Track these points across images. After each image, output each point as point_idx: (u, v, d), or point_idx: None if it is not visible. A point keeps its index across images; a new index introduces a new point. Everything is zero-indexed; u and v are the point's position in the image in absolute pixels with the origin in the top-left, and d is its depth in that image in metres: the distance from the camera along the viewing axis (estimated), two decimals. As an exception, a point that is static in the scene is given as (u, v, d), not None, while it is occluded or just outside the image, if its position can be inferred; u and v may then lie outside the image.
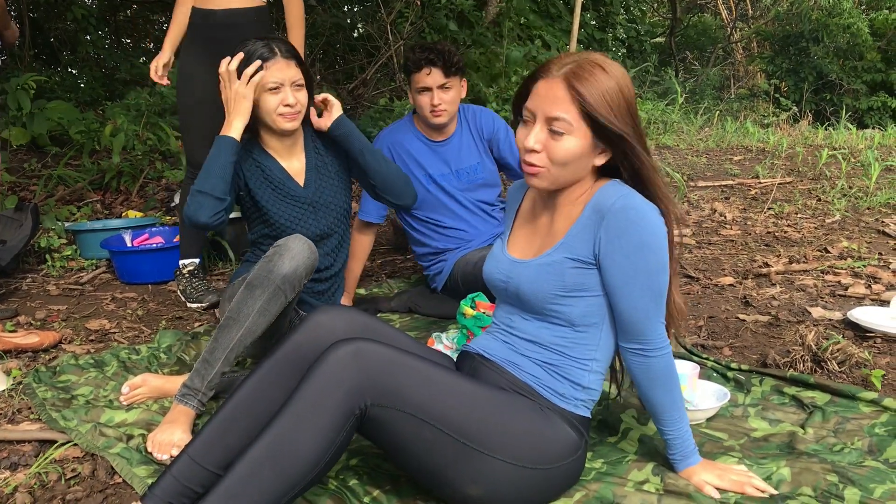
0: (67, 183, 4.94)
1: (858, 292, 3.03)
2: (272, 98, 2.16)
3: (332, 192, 2.34)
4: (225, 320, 1.95)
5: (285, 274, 1.94)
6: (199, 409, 1.93)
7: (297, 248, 1.97)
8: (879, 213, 4.58)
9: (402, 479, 1.67)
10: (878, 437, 1.80)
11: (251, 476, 1.30)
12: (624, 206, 1.45)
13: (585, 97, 1.43)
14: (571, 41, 5.56)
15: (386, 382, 1.37)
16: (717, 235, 4.17)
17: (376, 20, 7.85)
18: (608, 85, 1.44)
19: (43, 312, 2.99)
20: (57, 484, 1.71)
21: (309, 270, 2.00)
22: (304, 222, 2.30)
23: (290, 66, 2.17)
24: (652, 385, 1.54)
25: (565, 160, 1.48)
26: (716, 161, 6.39)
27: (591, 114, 1.43)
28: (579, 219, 1.52)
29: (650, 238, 1.46)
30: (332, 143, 2.34)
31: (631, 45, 11.55)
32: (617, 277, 1.48)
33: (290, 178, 2.29)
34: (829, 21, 11.65)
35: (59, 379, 2.29)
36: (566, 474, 1.52)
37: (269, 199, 2.26)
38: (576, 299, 1.52)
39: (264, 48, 2.16)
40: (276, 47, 2.17)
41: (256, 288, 1.93)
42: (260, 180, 2.26)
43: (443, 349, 2.43)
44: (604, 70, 1.46)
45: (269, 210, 2.26)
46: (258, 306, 1.92)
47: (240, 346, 1.93)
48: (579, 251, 1.50)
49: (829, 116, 10.18)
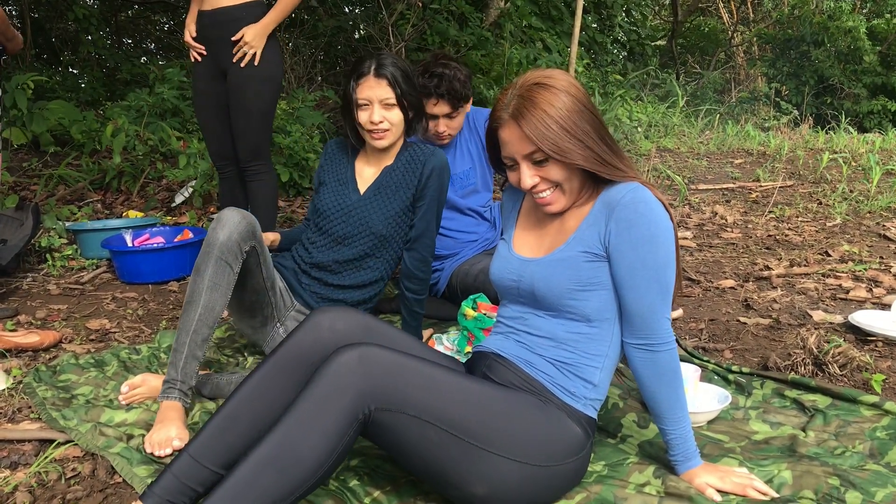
0: (68, 183, 4.94)
1: (859, 296, 3.03)
2: (361, 114, 2.27)
3: (377, 214, 2.34)
4: (183, 306, 1.99)
5: (221, 242, 1.99)
6: (183, 401, 1.94)
7: (227, 216, 2.02)
8: (880, 216, 4.58)
9: (402, 479, 1.66)
10: (880, 440, 1.80)
11: (254, 478, 1.30)
12: (633, 199, 1.48)
13: (532, 137, 1.48)
14: (572, 43, 5.56)
15: (390, 386, 1.36)
16: (718, 238, 4.17)
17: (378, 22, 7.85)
18: (555, 105, 1.48)
19: (43, 312, 2.99)
20: (57, 483, 1.71)
21: (244, 235, 2.03)
22: (337, 220, 2.36)
23: (379, 85, 2.23)
24: (657, 381, 1.54)
25: (565, 177, 1.53)
26: (717, 164, 6.40)
27: (542, 148, 1.48)
28: (591, 212, 1.54)
29: (658, 231, 1.48)
30: (412, 182, 2.36)
31: (632, 49, 11.55)
32: (624, 269, 1.50)
33: (353, 179, 2.40)
34: (829, 25, 11.67)
35: (59, 378, 2.28)
36: (571, 473, 1.52)
37: (327, 185, 2.43)
38: (591, 293, 1.53)
39: (362, 64, 2.25)
40: (371, 63, 2.24)
41: (201, 265, 1.99)
42: (335, 167, 2.45)
43: (443, 351, 2.43)
44: (546, 87, 1.50)
45: (321, 192, 2.43)
46: (206, 282, 1.97)
47: (202, 325, 1.96)
48: (591, 244, 1.52)
49: (830, 120, 10.18)
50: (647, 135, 7.38)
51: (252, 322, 2.27)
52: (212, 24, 2.99)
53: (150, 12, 10.25)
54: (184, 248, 3.50)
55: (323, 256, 2.37)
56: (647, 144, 6.88)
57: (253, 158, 3.08)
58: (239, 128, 3.04)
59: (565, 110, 1.49)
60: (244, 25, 2.94)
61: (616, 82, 8.80)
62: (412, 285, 2.39)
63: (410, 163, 2.35)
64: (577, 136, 1.49)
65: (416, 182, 2.33)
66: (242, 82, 2.97)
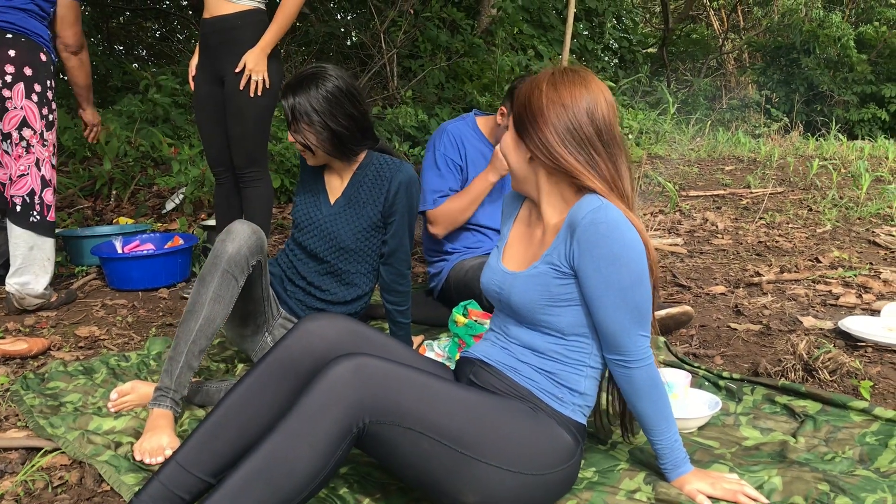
0: (58, 189, 4.90)
1: (849, 302, 3.04)
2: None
3: (345, 229, 2.32)
4: (183, 315, 1.97)
5: (230, 255, 1.97)
6: (174, 409, 1.92)
7: (238, 230, 2.01)
8: (870, 223, 4.60)
9: (392, 487, 1.66)
10: (869, 446, 1.80)
11: (244, 489, 1.29)
12: (594, 220, 1.45)
13: (531, 147, 1.56)
14: (564, 51, 5.57)
15: (386, 398, 1.35)
16: (709, 245, 4.18)
17: (370, 29, 7.86)
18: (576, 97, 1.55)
19: (32, 319, 2.97)
20: (44, 492, 1.69)
21: (253, 250, 2.02)
22: (309, 233, 2.35)
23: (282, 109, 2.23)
24: (636, 396, 1.54)
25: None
26: (707, 171, 6.42)
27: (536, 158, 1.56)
28: (560, 231, 1.53)
29: (621, 251, 1.46)
30: (378, 195, 2.32)
31: (623, 56, 11.60)
32: (590, 289, 1.49)
33: (324, 190, 2.37)
34: (819, 33, 11.74)
35: (47, 386, 2.27)
36: (562, 480, 1.52)
37: (302, 195, 2.42)
38: (563, 309, 1.53)
39: (291, 79, 2.23)
40: (290, 83, 2.21)
41: (206, 276, 1.97)
42: (309, 177, 2.41)
43: (434, 357, 2.42)
44: (556, 98, 1.55)
45: (297, 202, 2.42)
46: (211, 293, 1.95)
47: (201, 336, 1.94)
48: (559, 261, 1.51)
49: (820, 127, 10.24)
50: (638, 142, 7.41)
51: (244, 331, 2.26)
52: (212, 31, 3.02)
53: (142, 19, 10.24)
54: (174, 255, 3.49)
55: (304, 268, 2.37)
56: (638, 151, 6.90)
57: (249, 165, 3.08)
58: (235, 135, 3.04)
59: (568, 117, 1.51)
60: (241, 33, 2.95)
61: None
62: (393, 298, 2.38)
63: (377, 178, 2.31)
64: (571, 148, 1.51)
65: (384, 198, 2.29)
66: (239, 90, 2.98)
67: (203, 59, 3.11)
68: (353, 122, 2.22)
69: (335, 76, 2.20)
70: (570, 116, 1.51)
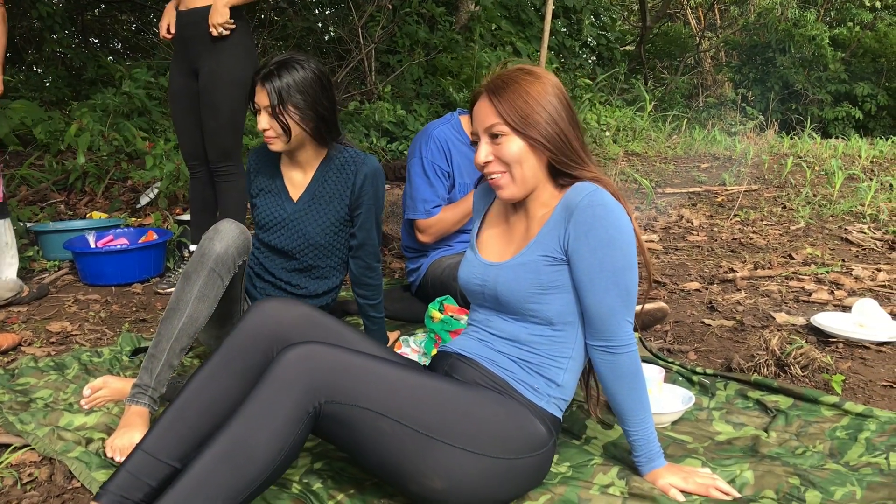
0: (31, 183, 4.85)
1: (821, 298, 3.07)
2: (259, 119, 2.18)
3: (313, 225, 2.29)
4: (166, 312, 1.94)
5: (217, 254, 1.95)
6: (151, 407, 1.90)
7: (226, 229, 1.98)
8: (843, 220, 4.65)
9: (366, 482, 1.65)
10: (839, 440, 1.82)
11: (208, 475, 1.30)
12: (591, 203, 1.48)
13: (499, 109, 1.52)
14: (542, 48, 5.58)
15: (337, 381, 1.37)
16: (684, 241, 4.21)
17: (347, 24, 7.83)
18: (534, 85, 1.53)
19: (2, 314, 2.93)
20: (13, 489, 1.67)
21: (241, 250, 2.00)
22: (276, 232, 2.31)
23: (264, 93, 2.13)
24: (618, 383, 1.55)
25: (515, 159, 1.53)
26: (683, 168, 6.46)
27: (505, 118, 1.52)
28: (552, 216, 1.55)
29: (616, 234, 1.48)
30: (344, 189, 2.29)
31: (601, 53, 11.63)
32: (583, 272, 1.50)
33: (284, 188, 2.33)
34: (794, 32, 11.86)
35: (17, 382, 2.24)
36: (531, 469, 1.52)
37: (261, 196, 2.36)
38: (552, 296, 1.54)
39: (264, 65, 2.16)
40: (265, 69, 2.15)
41: (192, 274, 1.94)
42: (264, 177, 2.36)
43: (410, 353, 2.42)
44: (529, 72, 1.56)
45: (257, 204, 2.36)
46: (196, 292, 1.93)
47: (184, 335, 1.92)
48: (551, 247, 1.53)
49: (795, 126, 10.34)
50: (615, 139, 7.44)
51: (219, 332, 2.21)
52: (187, 23, 3.01)
53: (117, 11, 10.11)
54: (147, 250, 3.46)
55: (272, 265, 2.35)
56: (615, 148, 6.92)
57: (222, 160, 3.06)
58: (209, 128, 3.02)
59: (541, 89, 1.53)
60: None
61: (585, 86, 8.86)
62: (363, 291, 2.36)
63: (342, 171, 2.28)
64: (547, 111, 1.52)
65: (350, 192, 2.27)
66: (212, 83, 2.96)
67: (178, 51, 3.09)
68: (332, 106, 2.23)
69: (312, 61, 2.19)
70: (552, 101, 1.54)
